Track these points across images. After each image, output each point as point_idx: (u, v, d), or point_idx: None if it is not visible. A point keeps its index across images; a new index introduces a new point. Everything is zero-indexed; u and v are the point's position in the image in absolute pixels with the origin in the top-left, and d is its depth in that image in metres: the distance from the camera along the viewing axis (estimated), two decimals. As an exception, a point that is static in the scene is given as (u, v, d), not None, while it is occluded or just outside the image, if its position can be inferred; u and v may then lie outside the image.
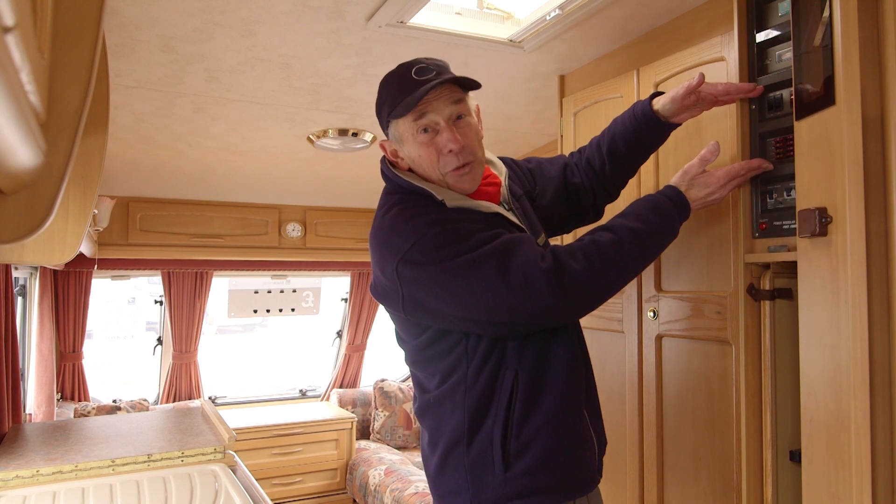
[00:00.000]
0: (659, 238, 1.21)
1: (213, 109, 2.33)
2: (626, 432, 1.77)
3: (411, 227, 1.16)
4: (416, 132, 1.21)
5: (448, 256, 1.13)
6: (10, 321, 2.50)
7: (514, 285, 1.10)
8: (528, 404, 1.21)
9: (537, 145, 2.84)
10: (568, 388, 1.24)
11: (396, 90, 1.20)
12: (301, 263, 4.28)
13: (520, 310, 1.12)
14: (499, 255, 1.12)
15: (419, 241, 1.14)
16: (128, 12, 1.61)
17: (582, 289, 1.12)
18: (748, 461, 1.29)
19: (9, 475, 1.86)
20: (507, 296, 1.11)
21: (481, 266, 1.11)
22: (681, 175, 1.29)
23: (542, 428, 1.21)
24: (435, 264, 1.13)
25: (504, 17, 1.86)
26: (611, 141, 1.45)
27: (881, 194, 1.03)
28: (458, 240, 1.13)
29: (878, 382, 1.01)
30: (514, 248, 1.13)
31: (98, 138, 1.47)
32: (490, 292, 1.11)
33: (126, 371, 11.27)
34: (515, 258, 1.11)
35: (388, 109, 1.22)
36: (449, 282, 1.13)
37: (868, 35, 1.03)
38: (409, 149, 1.24)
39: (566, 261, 1.12)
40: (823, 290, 1.05)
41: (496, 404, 1.21)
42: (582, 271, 1.11)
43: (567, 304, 1.12)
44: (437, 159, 1.21)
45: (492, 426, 1.21)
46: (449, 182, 1.23)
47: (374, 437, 4.36)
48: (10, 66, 0.32)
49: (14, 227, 0.49)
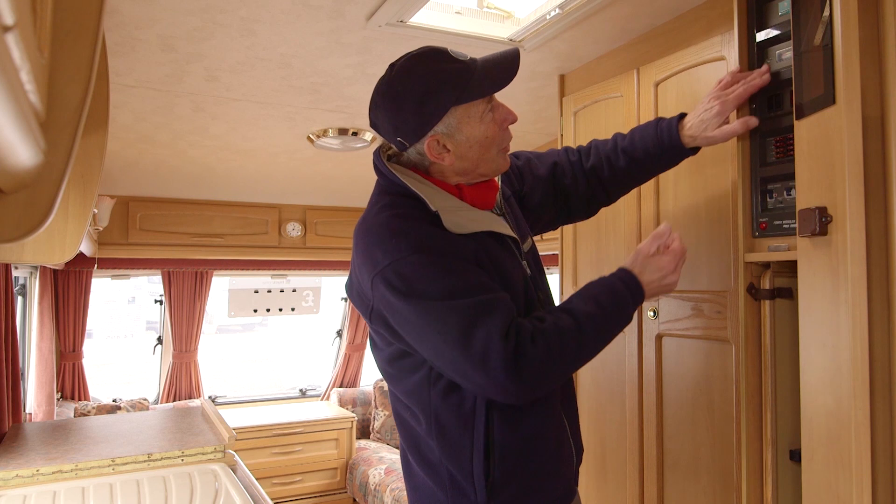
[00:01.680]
0: (614, 325, 1.15)
1: (213, 109, 2.33)
2: (626, 432, 1.77)
3: (394, 244, 1.09)
4: (486, 111, 1.15)
5: (419, 294, 1.06)
6: (10, 320, 2.50)
7: (473, 355, 1.04)
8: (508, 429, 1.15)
9: (537, 144, 2.84)
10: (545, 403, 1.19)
11: (456, 73, 1.11)
12: (301, 263, 4.28)
13: (471, 378, 1.07)
14: (467, 316, 1.05)
15: (397, 262, 1.07)
16: (128, 11, 1.61)
17: (537, 376, 1.06)
18: (748, 460, 1.29)
19: (9, 474, 1.86)
20: (462, 361, 1.05)
21: (446, 321, 1.05)
22: (633, 256, 1.23)
23: (525, 451, 1.16)
24: (404, 296, 1.07)
25: (504, 16, 1.86)
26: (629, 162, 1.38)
27: (881, 194, 1.03)
28: (435, 279, 1.07)
29: (878, 382, 1.01)
30: (483, 314, 1.05)
31: (98, 137, 1.47)
32: (448, 350, 1.06)
33: (126, 370, 11.28)
34: (482, 327, 1.04)
35: (454, 95, 1.11)
36: (412, 320, 1.08)
37: (868, 34, 1.02)
38: (472, 132, 1.15)
39: (526, 345, 1.06)
40: (823, 289, 1.05)
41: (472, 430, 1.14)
42: (540, 359, 1.06)
43: (519, 389, 1.06)
44: (500, 136, 1.18)
45: (470, 454, 1.14)
46: (499, 161, 1.20)
47: (374, 437, 4.36)
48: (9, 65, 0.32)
49: (14, 226, 0.49)
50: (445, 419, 1.15)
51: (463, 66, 1.12)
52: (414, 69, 1.13)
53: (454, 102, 1.11)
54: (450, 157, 1.16)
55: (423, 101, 1.11)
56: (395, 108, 1.13)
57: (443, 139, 1.14)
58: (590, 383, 1.92)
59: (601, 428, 1.87)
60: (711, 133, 1.30)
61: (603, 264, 1.87)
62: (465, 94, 1.11)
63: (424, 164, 1.19)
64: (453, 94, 1.11)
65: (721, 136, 1.30)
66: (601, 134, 1.90)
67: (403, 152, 1.19)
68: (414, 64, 1.13)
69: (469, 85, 1.11)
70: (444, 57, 1.13)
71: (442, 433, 1.16)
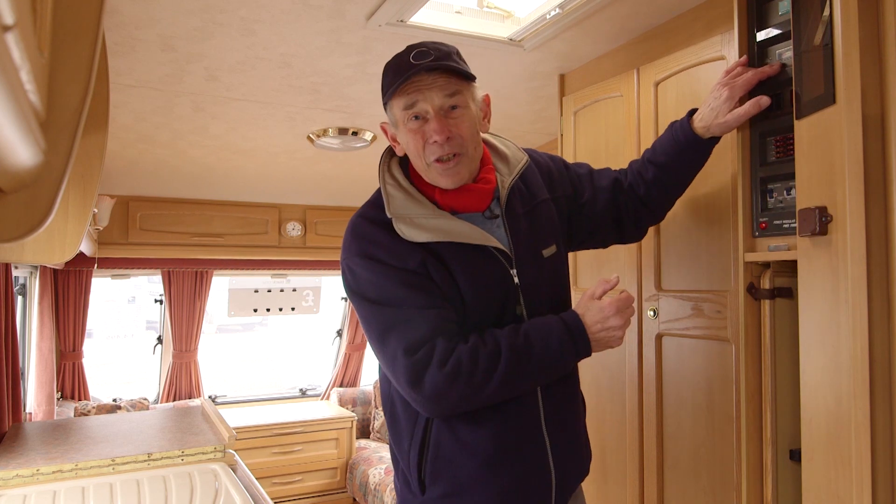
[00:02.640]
0: (543, 359, 1.14)
1: (213, 108, 2.32)
2: (627, 431, 1.77)
3: (349, 242, 1.23)
4: (408, 119, 1.18)
5: (359, 292, 1.20)
6: (10, 320, 2.50)
7: (386, 358, 1.16)
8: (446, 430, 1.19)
9: (537, 144, 2.84)
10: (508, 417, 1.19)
11: (392, 73, 1.18)
12: (301, 262, 4.28)
13: (391, 375, 1.18)
14: (385, 323, 1.16)
15: (349, 259, 1.21)
16: (128, 11, 1.61)
17: (438, 395, 1.12)
18: (748, 460, 1.29)
19: (9, 474, 1.86)
20: (382, 360, 1.19)
21: (371, 322, 1.19)
22: (580, 299, 1.22)
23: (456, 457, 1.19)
24: (350, 290, 1.22)
25: (504, 15, 1.86)
26: (656, 170, 1.37)
27: (881, 193, 1.03)
28: (371, 282, 1.18)
29: (878, 381, 1.01)
30: (399, 325, 1.14)
31: (98, 137, 1.47)
32: (373, 346, 1.19)
33: (126, 370, 11.27)
34: (394, 336, 1.14)
35: (385, 90, 1.21)
36: (357, 310, 1.23)
37: (868, 34, 1.02)
38: (401, 135, 1.22)
39: (432, 365, 1.11)
40: (824, 289, 1.05)
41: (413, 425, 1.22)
42: (443, 380, 1.11)
43: (421, 402, 1.14)
44: (423, 148, 1.18)
45: (408, 448, 1.23)
46: (432, 174, 1.20)
47: (374, 437, 4.36)
48: (9, 65, 0.32)
49: (14, 225, 0.49)
50: (399, 407, 1.25)
51: (403, 65, 1.16)
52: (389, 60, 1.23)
53: (384, 98, 1.22)
54: (400, 149, 1.26)
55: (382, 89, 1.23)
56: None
57: (391, 130, 1.26)
58: (590, 382, 1.91)
59: (601, 427, 1.87)
60: (723, 119, 1.28)
61: (603, 265, 1.87)
62: (387, 93, 1.19)
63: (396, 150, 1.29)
64: (385, 90, 1.21)
65: (734, 119, 1.27)
66: (601, 134, 1.90)
67: None
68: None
69: (391, 85, 1.18)
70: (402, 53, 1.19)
71: (394, 421, 1.27)
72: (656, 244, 1.69)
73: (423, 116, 1.17)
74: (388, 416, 1.30)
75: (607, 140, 1.86)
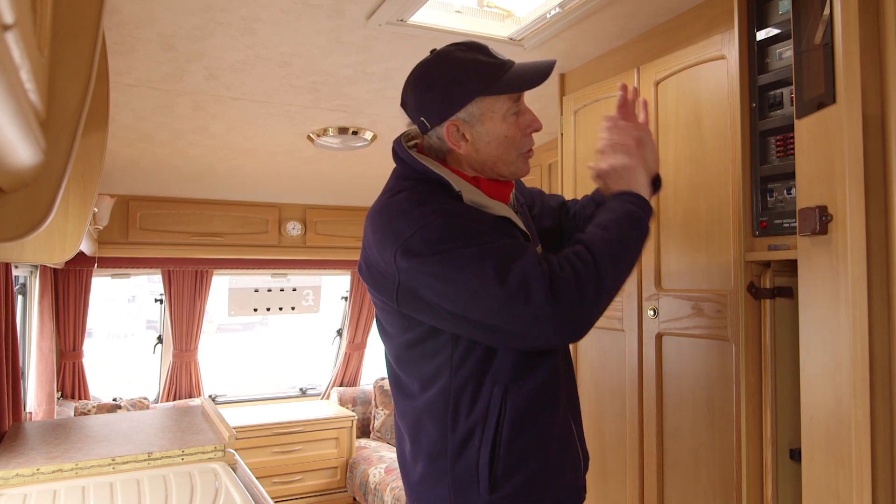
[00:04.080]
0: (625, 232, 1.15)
1: (213, 108, 2.32)
2: (627, 431, 1.77)
3: (418, 212, 1.11)
4: (508, 112, 1.18)
5: (448, 249, 1.08)
6: (11, 319, 2.50)
7: (512, 287, 1.05)
8: (519, 424, 1.17)
9: (538, 143, 2.83)
10: (556, 404, 1.21)
11: (489, 67, 1.15)
12: (301, 262, 4.28)
13: (516, 315, 1.07)
14: (500, 255, 1.08)
15: (422, 228, 1.09)
16: (128, 10, 1.60)
17: (573, 298, 1.06)
18: (748, 459, 1.29)
19: (9, 473, 1.86)
20: (503, 297, 1.06)
21: (481, 263, 1.07)
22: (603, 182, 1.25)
23: (531, 448, 1.17)
24: (434, 255, 1.08)
25: (504, 15, 1.86)
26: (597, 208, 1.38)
27: (881, 193, 1.03)
28: (462, 235, 1.09)
29: (878, 381, 1.01)
30: (517, 252, 1.09)
31: (98, 136, 1.47)
32: (486, 290, 1.06)
33: (126, 369, 11.28)
34: (517, 261, 1.08)
35: (481, 85, 1.15)
36: (446, 275, 1.09)
37: (868, 33, 1.02)
38: (493, 127, 1.18)
39: (556, 270, 1.08)
40: (824, 288, 1.05)
41: (484, 422, 1.16)
42: (568, 279, 1.07)
43: (559, 315, 1.06)
44: (520, 140, 1.21)
45: (479, 444, 1.16)
46: (518, 165, 1.23)
47: (375, 436, 4.36)
48: (9, 64, 0.32)
49: (14, 225, 0.49)
50: (462, 407, 1.17)
51: (498, 62, 1.16)
52: (452, 54, 1.17)
53: (480, 93, 1.15)
54: (466, 147, 1.19)
55: (451, 84, 1.15)
56: (426, 87, 1.18)
57: (462, 127, 1.18)
58: (590, 382, 1.92)
59: (601, 427, 1.87)
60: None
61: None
62: (492, 87, 1.15)
63: (443, 150, 1.22)
64: (481, 84, 1.15)
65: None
66: (601, 133, 1.90)
67: (424, 135, 1.23)
68: (453, 50, 1.18)
69: (498, 80, 1.15)
70: (482, 51, 1.17)
71: (455, 422, 1.18)
72: (656, 243, 1.69)
73: (520, 110, 1.20)
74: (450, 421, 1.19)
75: (607, 139, 1.86)
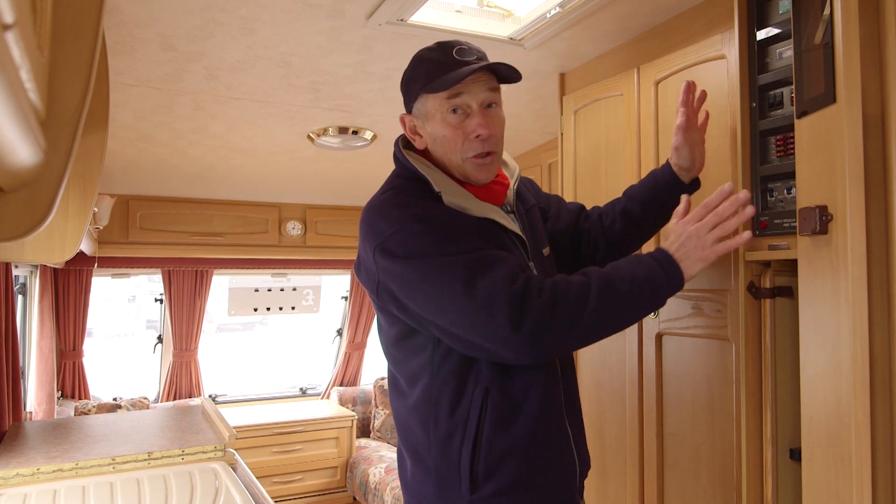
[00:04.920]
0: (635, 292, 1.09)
1: (213, 107, 2.32)
2: (627, 431, 1.77)
3: (396, 214, 1.13)
4: (447, 111, 1.17)
5: (421, 254, 1.09)
6: (11, 319, 2.50)
7: (477, 300, 1.05)
8: (499, 425, 1.16)
9: (538, 143, 2.84)
10: (544, 407, 1.19)
11: (435, 66, 1.16)
12: (301, 262, 4.29)
13: (479, 328, 1.07)
14: (471, 266, 1.07)
15: (399, 230, 1.11)
16: (128, 10, 1.60)
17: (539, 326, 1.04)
18: (748, 459, 1.29)
19: (9, 473, 1.86)
20: (468, 311, 1.06)
21: (451, 272, 1.07)
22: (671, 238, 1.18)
23: (513, 451, 1.16)
24: (407, 259, 1.10)
25: (504, 14, 1.86)
26: (627, 201, 1.43)
27: (882, 192, 1.03)
28: (438, 241, 1.10)
29: (878, 381, 1.01)
30: (488, 264, 1.08)
31: (98, 136, 1.47)
32: (453, 302, 1.07)
33: (126, 369, 11.28)
34: (487, 274, 1.06)
35: (421, 83, 1.18)
36: (417, 280, 1.10)
37: (869, 33, 1.02)
38: (434, 127, 1.20)
39: (532, 292, 1.06)
40: (824, 288, 1.05)
41: (465, 422, 1.16)
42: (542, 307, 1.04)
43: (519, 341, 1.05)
44: (461, 142, 1.18)
45: (459, 445, 1.16)
46: (466, 169, 1.20)
47: (375, 436, 4.36)
48: (9, 64, 0.32)
49: (14, 225, 0.49)
50: (442, 406, 1.18)
51: (448, 60, 1.17)
52: (419, 52, 1.23)
53: (421, 90, 1.19)
54: (421, 142, 1.24)
55: (408, 80, 1.23)
56: (401, 83, 1.26)
57: (415, 122, 1.24)
58: (590, 382, 1.92)
59: (601, 427, 1.87)
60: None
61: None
62: (430, 86, 1.17)
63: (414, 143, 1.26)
64: (422, 81, 1.19)
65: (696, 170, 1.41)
66: (601, 133, 1.90)
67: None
68: (427, 48, 1.22)
69: (437, 78, 1.16)
70: (445, 49, 1.18)
71: (436, 421, 1.19)
72: (656, 243, 1.69)
73: (465, 111, 1.18)
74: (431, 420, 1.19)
75: (607, 139, 1.86)
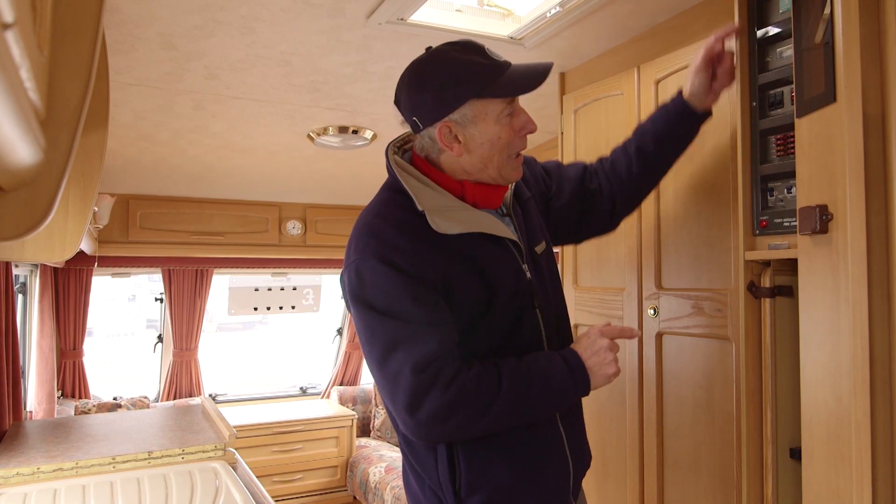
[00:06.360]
0: (543, 398, 1.12)
1: (213, 107, 2.32)
2: (627, 430, 1.77)
3: (363, 243, 1.14)
4: (502, 113, 1.16)
5: (364, 300, 1.11)
6: (11, 319, 2.50)
7: (387, 373, 1.08)
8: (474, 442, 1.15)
9: (538, 142, 2.84)
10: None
11: (485, 69, 1.13)
12: (301, 261, 4.29)
13: (385, 394, 1.11)
14: (394, 337, 1.08)
15: (362, 263, 1.12)
16: (128, 9, 1.60)
17: (435, 417, 1.06)
18: (748, 459, 1.29)
19: (9, 472, 1.87)
20: (379, 376, 1.11)
21: (379, 333, 1.10)
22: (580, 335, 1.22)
23: (494, 464, 1.15)
24: (354, 297, 1.13)
25: (504, 14, 1.86)
26: (639, 139, 1.41)
27: (882, 192, 1.03)
28: (382, 290, 1.10)
29: (878, 380, 1.01)
30: (408, 340, 1.08)
31: (98, 136, 1.47)
32: (370, 360, 1.12)
33: (126, 368, 11.28)
34: (401, 351, 1.07)
35: (475, 87, 1.13)
36: (356, 320, 1.15)
37: (869, 32, 1.02)
38: (486, 129, 1.15)
39: (436, 386, 1.06)
40: (824, 287, 1.05)
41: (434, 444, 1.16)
42: (445, 403, 1.05)
43: (412, 424, 1.08)
44: (513, 141, 1.18)
45: (435, 463, 1.16)
46: (508, 169, 1.20)
47: (375, 435, 4.36)
48: (9, 63, 0.32)
49: (14, 224, 0.49)
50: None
51: (493, 64, 1.14)
52: (447, 54, 1.15)
53: (474, 95, 1.13)
54: (459, 148, 1.17)
55: (445, 86, 1.13)
56: (419, 87, 1.16)
57: (455, 128, 1.16)
58: (590, 381, 1.91)
59: (601, 426, 1.87)
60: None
61: (603, 265, 1.87)
62: (486, 90, 1.13)
63: (435, 150, 1.20)
64: (475, 87, 1.13)
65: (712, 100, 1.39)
66: (601, 132, 1.90)
67: (417, 134, 1.21)
68: (449, 50, 1.16)
69: (493, 83, 1.13)
70: (478, 51, 1.15)
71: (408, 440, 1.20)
72: (657, 242, 1.69)
73: (514, 111, 1.18)
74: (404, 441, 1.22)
75: (608, 138, 1.86)
